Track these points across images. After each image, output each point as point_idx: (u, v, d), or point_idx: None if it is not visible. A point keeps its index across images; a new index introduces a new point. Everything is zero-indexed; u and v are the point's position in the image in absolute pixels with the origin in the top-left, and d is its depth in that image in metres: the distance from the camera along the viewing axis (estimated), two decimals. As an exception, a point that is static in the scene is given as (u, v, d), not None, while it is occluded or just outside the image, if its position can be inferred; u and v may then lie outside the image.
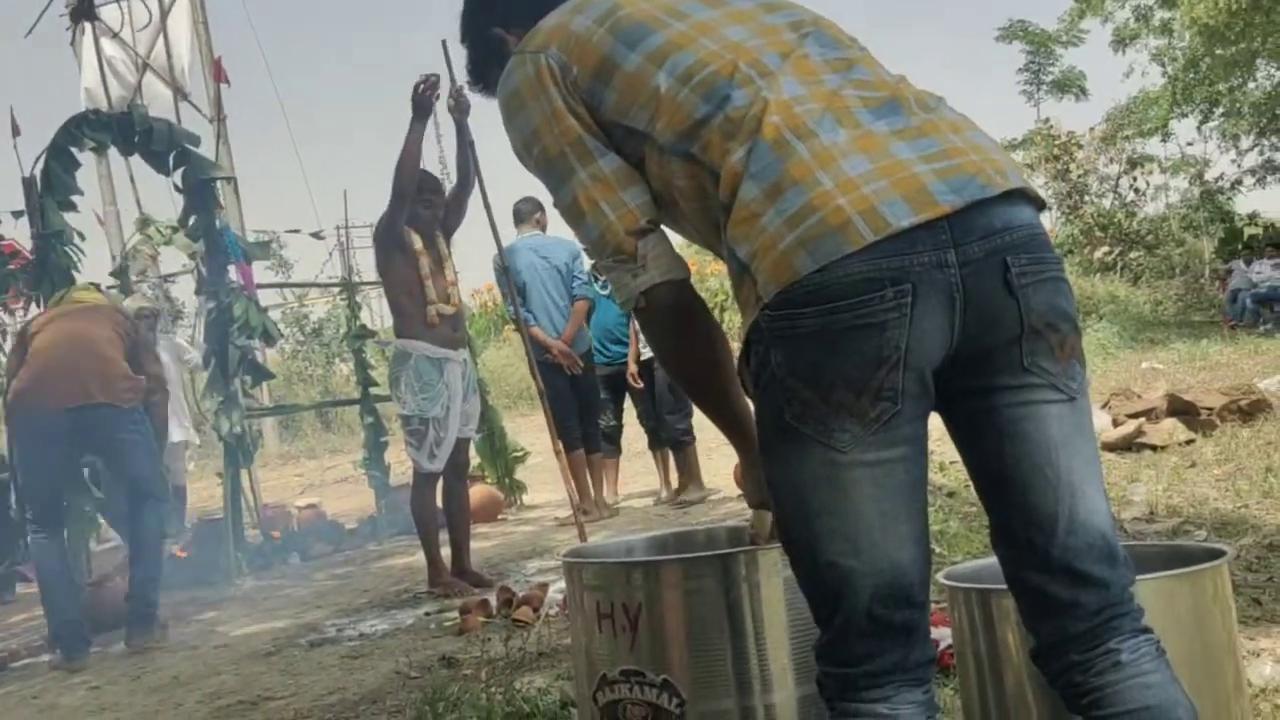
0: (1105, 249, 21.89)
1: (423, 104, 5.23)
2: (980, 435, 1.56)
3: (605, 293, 7.49)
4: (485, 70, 1.93)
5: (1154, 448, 6.60)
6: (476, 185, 5.63)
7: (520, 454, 8.54)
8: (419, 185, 5.39)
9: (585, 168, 1.67)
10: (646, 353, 7.42)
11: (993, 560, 1.73)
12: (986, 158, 1.53)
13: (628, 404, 7.87)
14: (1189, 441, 6.66)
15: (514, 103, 1.73)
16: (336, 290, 11.42)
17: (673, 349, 1.77)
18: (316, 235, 8.91)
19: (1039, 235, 1.54)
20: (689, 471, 7.49)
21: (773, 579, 2.01)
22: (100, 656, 5.06)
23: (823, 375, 1.46)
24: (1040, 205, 1.59)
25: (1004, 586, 1.66)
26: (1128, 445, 6.71)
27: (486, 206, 5.76)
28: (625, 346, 7.62)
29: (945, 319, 1.46)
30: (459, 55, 2.06)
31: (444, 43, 5.31)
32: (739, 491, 7.51)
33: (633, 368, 7.53)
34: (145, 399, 5.22)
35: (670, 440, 7.53)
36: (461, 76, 5.33)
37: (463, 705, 3.27)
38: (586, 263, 7.35)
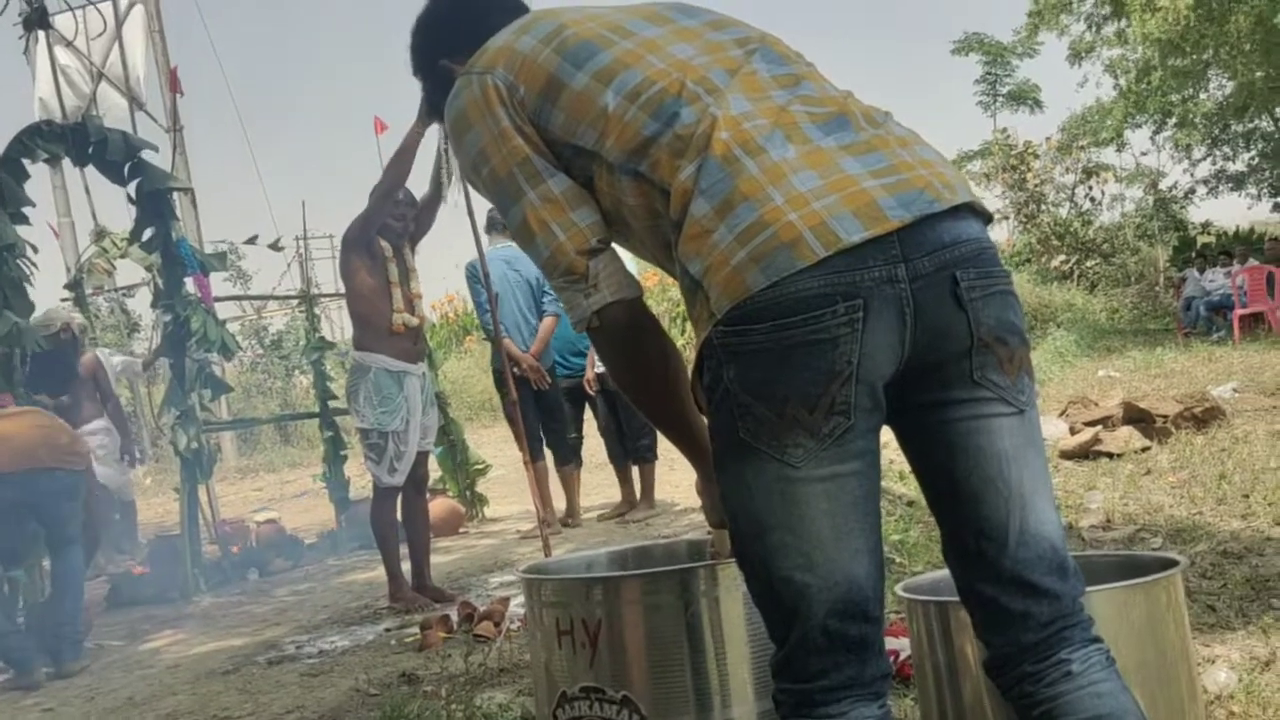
0: (1062, 257, 22.13)
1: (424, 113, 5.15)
2: (931, 448, 1.58)
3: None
4: (439, 102, 1.90)
5: (1110, 455, 6.67)
6: (457, 194, 5.56)
7: (482, 467, 8.50)
8: (395, 197, 5.36)
9: (534, 188, 1.67)
10: (600, 367, 7.43)
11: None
12: (934, 172, 1.54)
13: (588, 416, 7.85)
14: (1145, 449, 6.73)
15: (461, 124, 1.73)
16: (295, 302, 11.34)
17: (626, 368, 1.77)
18: (275, 246, 8.83)
19: (987, 249, 1.55)
20: (644, 489, 7.50)
21: (732, 594, 2.01)
22: (53, 677, 4.97)
23: (775, 390, 1.46)
24: (988, 219, 1.60)
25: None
26: (1085, 453, 6.78)
27: (470, 215, 5.70)
28: (585, 358, 7.61)
29: (896, 333, 1.47)
30: None
31: None
32: (700, 503, 7.48)
33: (589, 374, 7.52)
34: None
35: (632, 455, 7.53)
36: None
37: (423, 722, 3.24)
38: None
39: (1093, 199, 23.94)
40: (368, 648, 4.71)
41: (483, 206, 5.92)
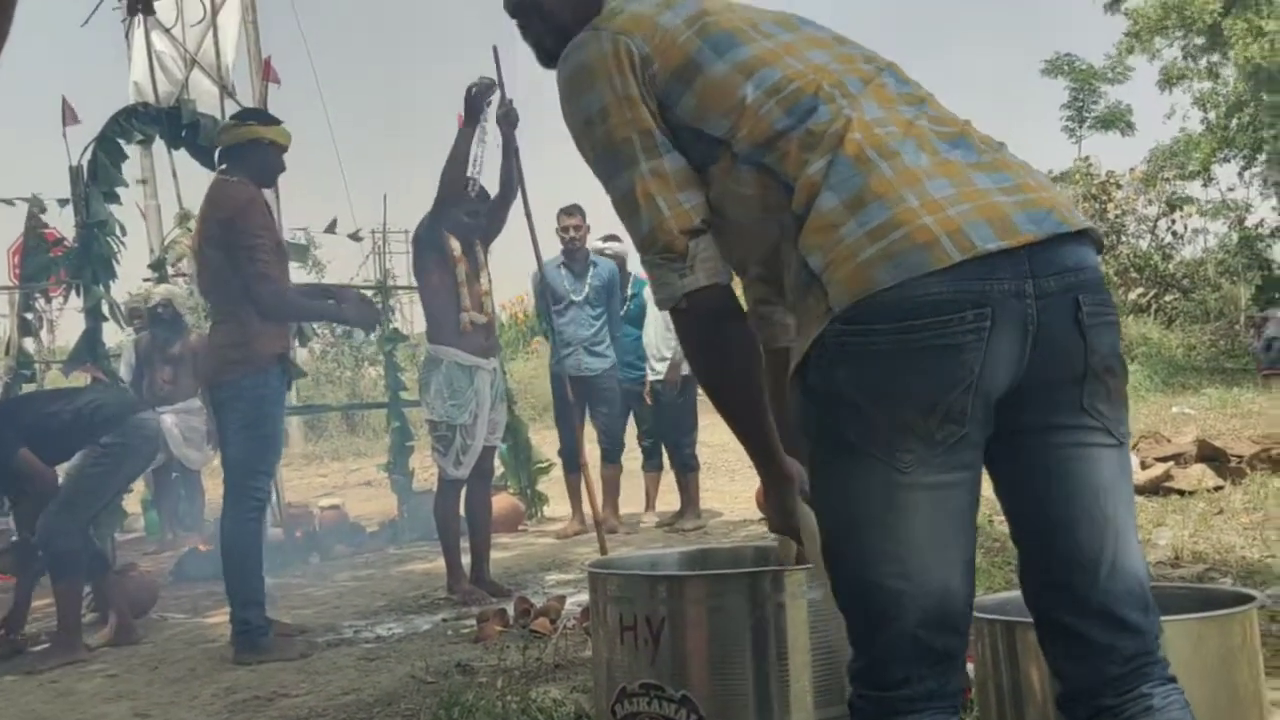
0: (1140, 290, 21.72)
1: (473, 107, 5.28)
2: (1029, 472, 1.56)
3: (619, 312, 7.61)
4: (545, 43, 1.88)
5: (1181, 493, 6.55)
6: (518, 197, 5.67)
7: (544, 465, 8.55)
8: (466, 194, 5.44)
9: (649, 160, 1.66)
10: (653, 375, 7.54)
11: (1019, 593, 1.72)
12: (1057, 198, 1.56)
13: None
14: (1218, 488, 6.60)
15: (581, 77, 1.70)
16: (371, 293, 11.48)
17: (707, 354, 1.75)
18: (354, 237, 8.98)
19: (1103, 279, 1.56)
20: (689, 497, 7.52)
21: (797, 600, 2.01)
22: (118, 645, 5.08)
23: (892, 394, 1.45)
24: (1100, 248, 1.60)
25: (1030, 620, 1.66)
26: (1155, 489, 6.66)
27: (528, 217, 5.78)
28: (633, 368, 7.69)
29: (1017, 348, 1.47)
30: (509, 63, 2.07)
31: (495, 49, 5.34)
32: (760, 515, 7.52)
33: (648, 385, 7.63)
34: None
35: (675, 464, 7.58)
36: (511, 86, 5.36)
37: (478, 712, 3.27)
38: None
39: (1175, 233, 23.49)
40: (424, 636, 4.76)
41: (541, 213, 6.00)
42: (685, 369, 7.21)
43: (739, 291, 1.83)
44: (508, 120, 5.42)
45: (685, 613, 2.02)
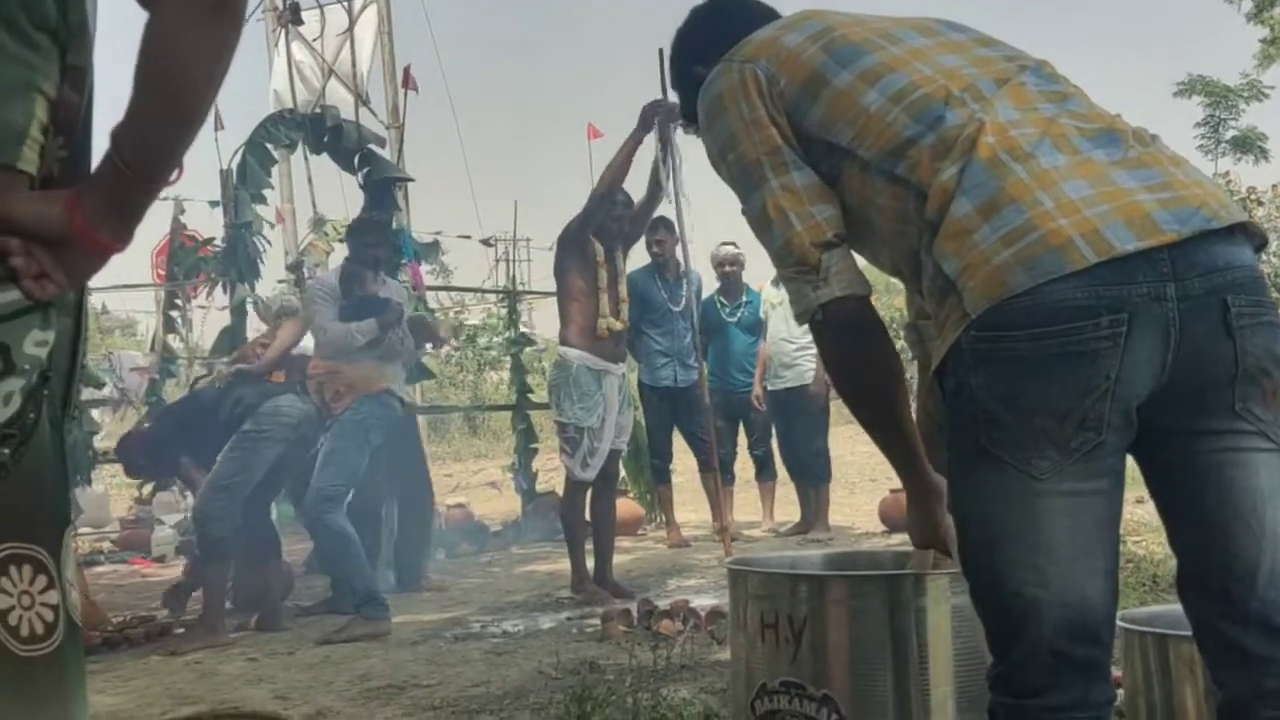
0: (1281, 310, 20.92)
1: (645, 119, 5.39)
2: (1182, 478, 1.53)
3: (733, 319, 7.60)
4: (692, 110, 1.96)
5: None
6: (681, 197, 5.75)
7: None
8: (614, 199, 5.53)
9: (778, 177, 1.69)
10: (773, 384, 7.58)
11: (1170, 607, 1.70)
12: (1208, 191, 1.51)
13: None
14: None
15: (715, 108, 1.77)
16: (495, 298, 11.71)
17: (846, 365, 1.76)
18: (486, 242, 9.22)
19: (1259, 277, 1.52)
20: (818, 508, 7.49)
21: (940, 605, 2.00)
22: (255, 631, 5.28)
23: (1026, 400, 1.45)
24: (1262, 243, 1.56)
25: (1183, 633, 1.64)
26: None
27: (680, 223, 5.86)
28: (748, 376, 7.68)
29: (1158, 353, 1.44)
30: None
31: (660, 51, 5.40)
32: (883, 528, 7.45)
33: (758, 390, 7.61)
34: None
35: (804, 474, 7.56)
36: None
37: (609, 707, 3.32)
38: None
39: (1320, 250, 22.52)
40: (549, 633, 4.83)
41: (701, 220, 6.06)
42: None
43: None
44: (667, 116, 5.40)
45: (827, 612, 2.03)
